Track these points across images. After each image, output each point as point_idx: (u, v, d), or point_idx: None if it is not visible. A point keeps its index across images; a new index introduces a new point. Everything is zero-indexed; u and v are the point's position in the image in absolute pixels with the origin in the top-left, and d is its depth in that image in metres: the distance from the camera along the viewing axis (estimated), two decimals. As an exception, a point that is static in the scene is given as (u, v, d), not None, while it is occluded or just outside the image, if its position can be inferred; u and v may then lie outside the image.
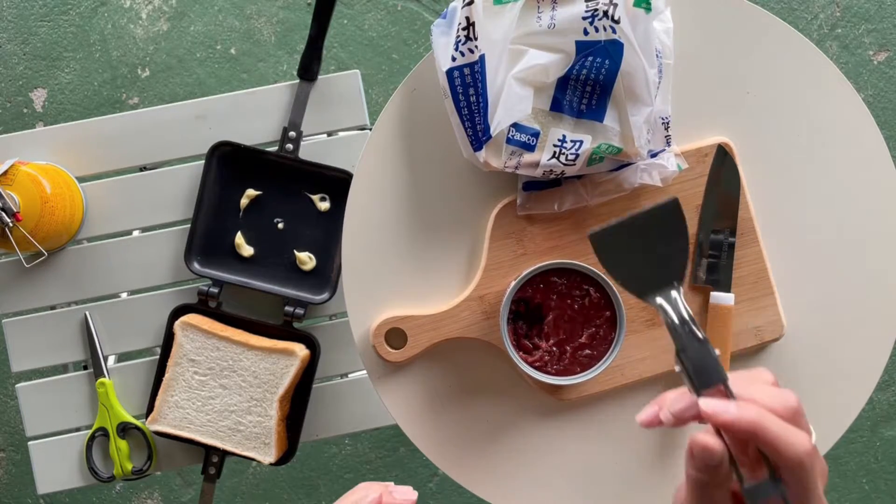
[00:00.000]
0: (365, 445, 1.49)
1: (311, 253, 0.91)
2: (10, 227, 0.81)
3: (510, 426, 0.69)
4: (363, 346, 0.68)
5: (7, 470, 1.51)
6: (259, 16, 1.52)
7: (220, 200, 0.90)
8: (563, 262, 0.62)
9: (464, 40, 0.60)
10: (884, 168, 0.69)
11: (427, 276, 0.69)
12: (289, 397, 0.89)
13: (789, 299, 0.69)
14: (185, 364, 0.88)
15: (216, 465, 0.91)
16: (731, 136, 0.68)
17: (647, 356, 0.67)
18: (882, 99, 1.51)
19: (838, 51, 1.51)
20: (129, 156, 0.92)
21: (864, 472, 1.49)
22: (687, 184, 0.67)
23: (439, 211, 0.68)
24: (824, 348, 0.69)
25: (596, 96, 0.62)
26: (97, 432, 0.91)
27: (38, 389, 0.93)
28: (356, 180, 0.69)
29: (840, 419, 0.69)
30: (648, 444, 0.69)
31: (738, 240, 0.67)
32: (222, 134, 0.90)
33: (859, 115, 0.69)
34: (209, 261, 0.91)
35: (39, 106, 1.53)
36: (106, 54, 1.52)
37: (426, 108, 0.68)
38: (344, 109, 0.92)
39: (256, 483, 1.49)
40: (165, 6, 1.52)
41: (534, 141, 0.63)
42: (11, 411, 1.51)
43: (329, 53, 1.50)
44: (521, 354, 0.63)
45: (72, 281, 0.92)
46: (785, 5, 1.52)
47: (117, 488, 1.50)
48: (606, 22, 0.60)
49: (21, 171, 0.83)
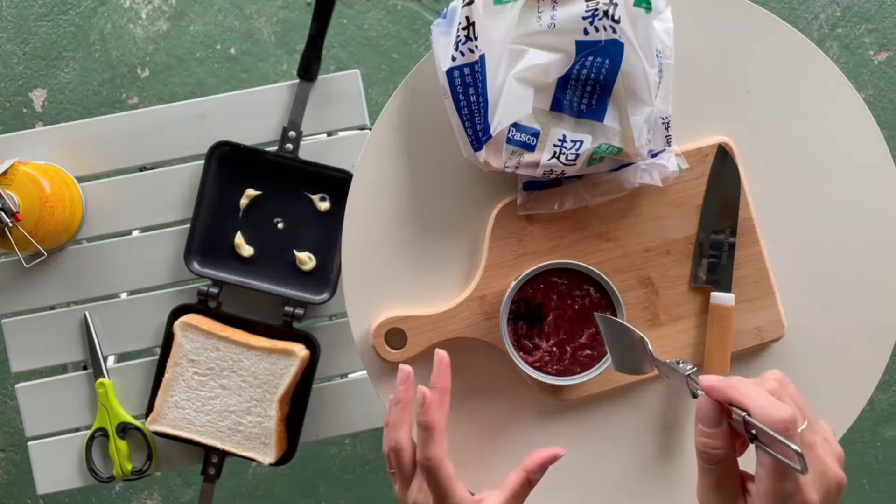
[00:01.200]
0: (365, 445, 1.48)
1: (311, 253, 0.90)
2: (10, 227, 0.81)
3: (510, 426, 0.69)
4: (363, 346, 0.68)
5: (7, 470, 1.51)
6: (259, 15, 1.52)
7: (219, 200, 0.90)
8: (564, 263, 0.62)
9: (464, 40, 0.60)
10: (884, 168, 0.69)
11: (427, 277, 0.68)
12: (289, 397, 0.89)
13: (790, 299, 0.68)
14: (184, 364, 0.88)
15: (216, 466, 0.91)
16: (731, 136, 0.68)
17: (647, 356, 0.67)
18: (882, 99, 1.51)
19: (838, 51, 1.51)
20: (128, 156, 0.92)
21: (864, 472, 1.49)
22: (687, 184, 0.67)
23: (439, 211, 0.68)
24: (825, 348, 0.69)
25: (596, 96, 0.62)
26: (97, 432, 0.91)
27: (37, 389, 0.93)
28: (356, 180, 0.68)
29: (840, 419, 0.69)
30: (648, 445, 0.69)
31: (739, 240, 0.67)
32: (222, 134, 0.90)
33: (859, 115, 0.69)
34: (209, 261, 0.91)
35: (39, 106, 1.53)
36: (105, 54, 1.52)
37: (426, 108, 0.68)
38: (344, 109, 0.92)
39: (256, 483, 1.49)
40: (165, 6, 1.52)
41: (534, 141, 0.63)
42: (11, 411, 1.51)
43: (329, 53, 1.50)
44: (522, 355, 0.63)
45: (71, 281, 0.92)
46: (785, 5, 1.52)
47: (117, 489, 1.50)
48: (607, 22, 0.60)
49: (20, 171, 0.83)
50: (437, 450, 0.54)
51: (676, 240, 0.67)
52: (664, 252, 0.67)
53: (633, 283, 0.67)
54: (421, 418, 0.55)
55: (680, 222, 0.67)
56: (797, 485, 0.43)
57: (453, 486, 0.55)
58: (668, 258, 0.67)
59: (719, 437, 0.46)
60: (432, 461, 0.54)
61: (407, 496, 0.57)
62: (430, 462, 0.54)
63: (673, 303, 0.67)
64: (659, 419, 0.69)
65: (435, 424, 0.55)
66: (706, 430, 0.46)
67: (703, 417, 0.46)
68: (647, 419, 0.69)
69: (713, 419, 0.46)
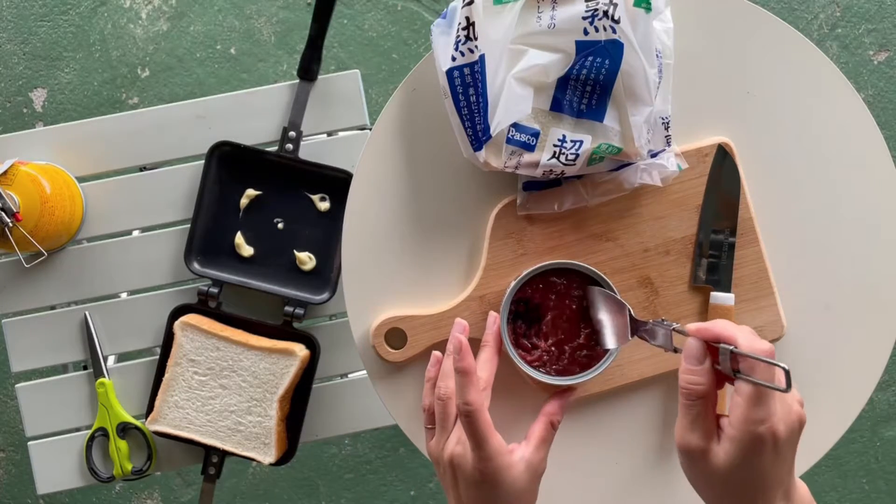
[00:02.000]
0: (365, 445, 1.49)
1: (311, 253, 0.90)
2: (10, 227, 0.81)
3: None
4: (363, 346, 0.68)
5: (7, 470, 1.51)
6: (259, 16, 1.52)
7: (219, 200, 0.90)
8: (564, 263, 0.62)
9: (464, 40, 0.60)
10: (884, 168, 0.69)
11: (427, 276, 0.68)
12: (289, 397, 0.89)
13: (789, 299, 0.68)
14: (184, 364, 0.88)
15: (216, 466, 0.91)
16: (731, 136, 0.68)
17: (647, 356, 0.67)
18: (882, 99, 1.51)
19: (838, 51, 1.51)
20: (128, 156, 0.92)
21: (864, 472, 1.49)
22: (687, 184, 0.67)
23: (439, 211, 0.68)
24: (824, 348, 0.69)
25: (596, 96, 0.62)
26: (97, 432, 0.91)
27: (37, 389, 0.93)
28: (356, 180, 0.68)
29: (840, 419, 0.69)
30: (649, 444, 0.69)
31: (739, 240, 0.67)
32: (222, 134, 0.90)
33: (859, 115, 0.69)
34: (209, 261, 0.91)
35: (39, 106, 1.53)
36: (106, 54, 1.52)
37: (426, 108, 0.68)
38: (344, 109, 0.92)
39: (256, 483, 1.49)
40: (165, 6, 1.52)
41: (534, 141, 0.63)
42: (11, 411, 1.51)
43: (329, 53, 1.50)
44: (520, 353, 0.63)
45: (72, 281, 0.92)
46: (785, 5, 1.52)
47: (117, 488, 1.50)
48: (606, 22, 0.60)
49: (21, 171, 0.83)
50: (476, 395, 0.56)
51: (676, 240, 0.67)
52: (664, 252, 0.67)
53: (632, 283, 0.67)
54: (458, 364, 0.57)
55: (680, 222, 0.67)
56: (768, 412, 0.48)
57: (491, 434, 0.56)
58: (667, 258, 0.67)
59: (702, 374, 0.51)
60: (472, 405, 0.55)
61: (444, 449, 0.59)
62: (470, 406, 0.55)
63: (673, 303, 0.67)
64: (659, 419, 0.69)
65: (472, 370, 0.56)
66: (691, 367, 0.51)
67: (690, 356, 0.51)
68: (647, 419, 0.69)
69: (699, 357, 0.51)
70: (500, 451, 0.57)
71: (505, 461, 0.57)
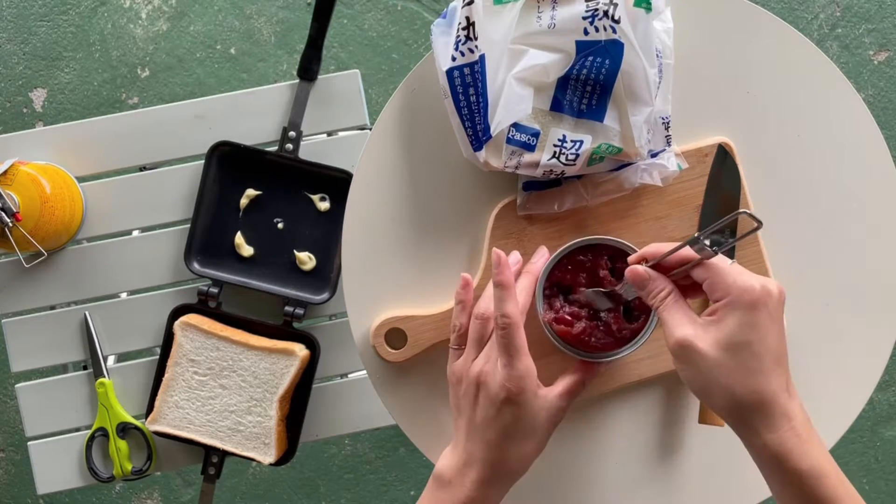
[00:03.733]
0: (365, 445, 1.49)
1: (311, 253, 0.90)
2: (10, 227, 0.81)
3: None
4: (363, 346, 0.68)
5: (7, 470, 1.51)
6: (259, 16, 1.52)
7: (219, 200, 0.90)
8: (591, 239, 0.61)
9: (464, 40, 0.60)
10: (884, 168, 0.69)
11: (427, 276, 0.68)
12: (289, 397, 0.89)
13: (789, 299, 0.68)
14: (184, 364, 0.88)
15: (216, 466, 0.91)
16: (731, 136, 0.68)
17: (647, 356, 0.67)
18: (882, 99, 1.51)
19: (838, 51, 1.51)
20: (128, 156, 0.92)
21: (864, 472, 1.49)
22: (687, 184, 0.67)
23: (439, 211, 0.68)
24: (824, 348, 0.69)
25: (596, 96, 0.62)
26: (97, 432, 0.91)
27: (37, 389, 0.93)
28: (356, 180, 0.68)
29: (840, 419, 0.69)
30: (649, 444, 0.69)
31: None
32: (222, 134, 0.90)
33: (859, 115, 0.69)
34: (209, 261, 0.91)
35: (39, 106, 1.53)
36: (106, 54, 1.52)
37: (426, 108, 0.68)
38: (344, 109, 0.92)
39: (256, 483, 1.49)
40: (165, 6, 1.52)
41: (534, 141, 0.63)
42: (11, 411, 1.51)
43: (329, 53, 1.50)
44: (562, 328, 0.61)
45: (71, 281, 0.92)
46: (785, 5, 1.52)
47: (117, 488, 1.50)
48: (606, 22, 0.60)
49: (21, 171, 0.83)
50: (514, 308, 0.56)
51: (676, 240, 0.67)
52: (664, 252, 0.67)
53: (632, 283, 0.67)
54: (497, 277, 0.56)
55: (680, 222, 0.67)
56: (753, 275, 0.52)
57: (525, 352, 0.56)
58: (667, 258, 0.67)
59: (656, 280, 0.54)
60: (510, 318, 0.55)
61: (471, 367, 0.58)
62: (508, 319, 0.55)
63: (673, 303, 0.67)
64: (658, 419, 0.69)
65: (511, 284, 0.56)
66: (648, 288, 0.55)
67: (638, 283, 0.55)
68: (647, 419, 0.69)
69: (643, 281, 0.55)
70: (531, 373, 0.56)
71: (533, 385, 0.56)
